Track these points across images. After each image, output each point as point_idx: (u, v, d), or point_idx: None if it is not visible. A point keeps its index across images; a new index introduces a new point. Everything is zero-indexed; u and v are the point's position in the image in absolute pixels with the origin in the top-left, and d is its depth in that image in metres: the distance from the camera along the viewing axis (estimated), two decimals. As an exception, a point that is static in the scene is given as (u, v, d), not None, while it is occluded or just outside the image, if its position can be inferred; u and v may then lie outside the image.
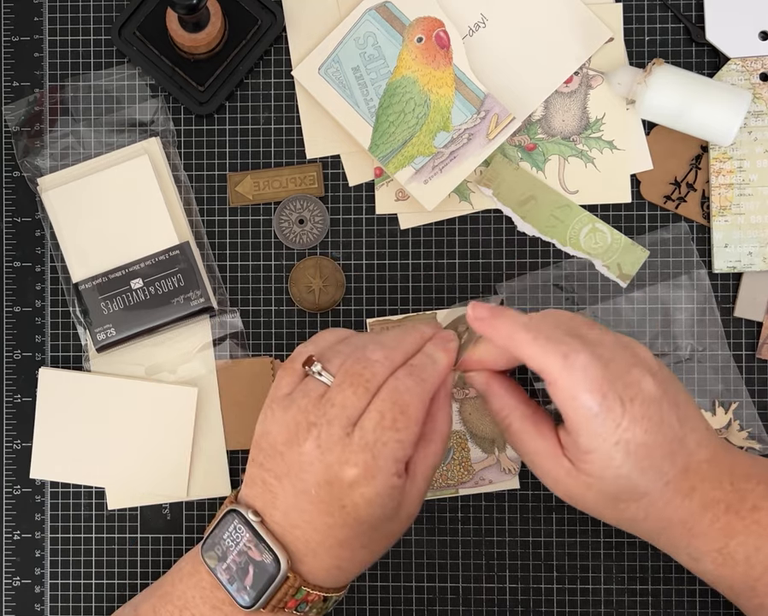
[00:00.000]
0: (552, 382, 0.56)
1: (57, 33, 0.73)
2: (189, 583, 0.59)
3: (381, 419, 0.55)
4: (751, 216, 0.70)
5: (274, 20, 0.71)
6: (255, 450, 0.59)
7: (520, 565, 0.72)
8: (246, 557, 0.57)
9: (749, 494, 0.59)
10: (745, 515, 0.59)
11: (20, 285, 0.73)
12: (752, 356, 0.71)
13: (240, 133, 0.72)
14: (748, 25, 0.70)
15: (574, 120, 0.72)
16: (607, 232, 0.71)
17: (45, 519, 0.72)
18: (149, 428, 0.71)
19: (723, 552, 0.59)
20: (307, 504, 0.56)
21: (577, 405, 0.55)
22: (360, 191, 0.72)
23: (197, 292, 0.70)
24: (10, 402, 0.73)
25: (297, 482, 0.56)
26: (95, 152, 0.72)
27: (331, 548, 0.57)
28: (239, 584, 0.57)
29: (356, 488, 0.55)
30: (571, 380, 0.55)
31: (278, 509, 0.57)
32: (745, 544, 0.59)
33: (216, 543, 0.58)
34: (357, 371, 0.56)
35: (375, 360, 0.56)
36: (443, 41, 0.70)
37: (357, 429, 0.55)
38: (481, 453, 0.71)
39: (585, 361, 0.55)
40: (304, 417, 0.56)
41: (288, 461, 0.56)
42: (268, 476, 0.57)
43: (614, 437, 0.55)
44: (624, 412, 0.56)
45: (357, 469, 0.54)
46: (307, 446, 0.55)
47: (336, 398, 0.56)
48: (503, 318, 0.58)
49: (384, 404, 0.55)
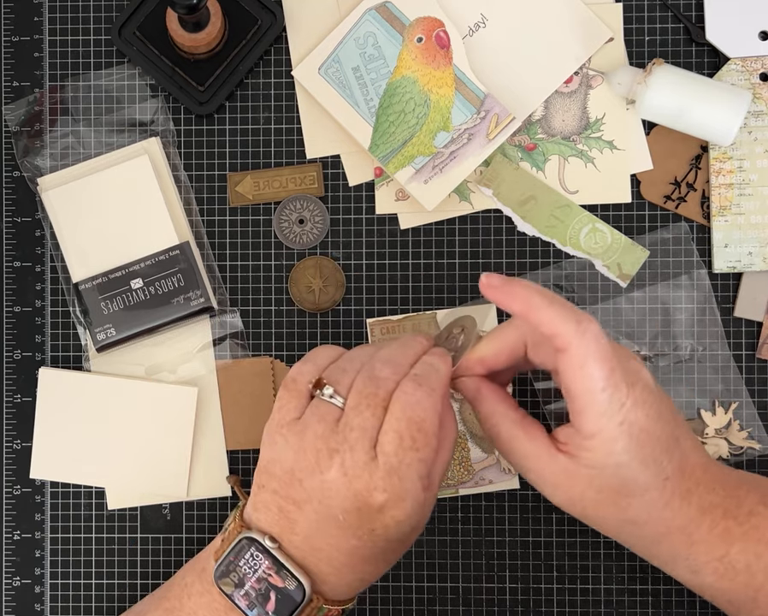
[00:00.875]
0: (564, 348, 0.55)
1: (57, 33, 0.73)
2: (199, 602, 0.59)
3: (401, 440, 0.54)
4: (751, 216, 0.70)
5: (274, 20, 0.71)
6: (264, 476, 0.57)
7: (520, 565, 0.72)
8: (267, 583, 0.56)
9: (744, 500, 0.59)
10: (743, 520, 0.59)
11: (20, 285, 0.73)
12: (752, 356, 0.71)
13: (240, 133, 0.72)
14: (748, 25, 0.70)
15: (574, 120, 0.72)
16: (607, 232, 0.71)
17: (45, 519, 0.72)
18: (149, 428, 0.71)
19: (724, 561, 0.59)
20: (334, 529, 0.56)
21: (585, 375, 0.55)
22: (360, 191, 0.72)
23: (197, 292, 0.70)
24: (10, 402, 0.73)
25: (321, 508, 0.55)
26: (95, 152, 0.72)
27: (356, 566, 0.57)
28: (261, 610, 0.56)
29: (386, 512, 0.54)
30: (582, 346, 0.55)
31: (298, 534, 0.56)
32: (745, 551, 0.58)
33: (232, 570, 0.57)
34: (372, 391, 0.55)
35: (385, 378, 0.56)
36: (443, 41, 0.70)
37: (379, 454, 0.54)
38: (481, 453, 0.71)
39: (596, 330, 0.56)
40: (324, 443, 0.55)
41: (309, 488, 0.55)
42: (286, 503, 0.56)
43: (619, 416, 0.55)
44: (629, 393, 0.56)
45: (386, 494, 0.54)
46: (332, 473, 0.55)
47: (354, 422, 0.55)
48: (519, 284, 0.57)
49: (399, 423, 0.54)
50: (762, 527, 0.59)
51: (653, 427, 0.56)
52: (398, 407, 0.55)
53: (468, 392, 0.60)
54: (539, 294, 0.57)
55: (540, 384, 0.71)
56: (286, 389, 0.58)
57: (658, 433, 0.57)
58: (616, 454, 0.56)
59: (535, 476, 0.59)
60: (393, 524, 0.55)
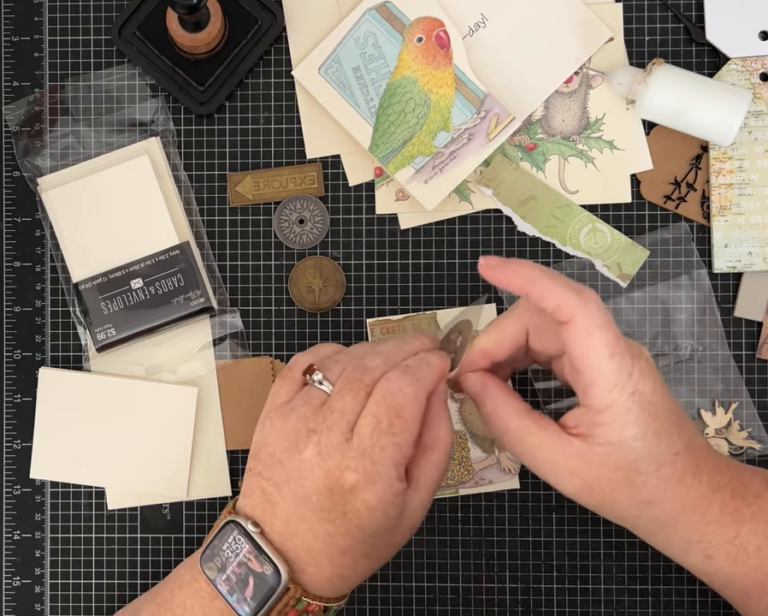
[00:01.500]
0: (568, 319, 0.56)
1: (57, 33, 0.73)
2: (188, 591, 0.59)
3: (378, 423, 0.54)
4: (751, 216, 0.70)
5: (274, 20, 0.71)
6: (253, 460, 0.58)
7: (520, 565, 0.72)
8: (246, 568, 0.57)
9: (750, 481, 0.60)
10: (751, 501, 0.59)
11: (20, 285, 0.73)
12: (752, 356, 0.71)
13: (240, 133, 0.72)
14: (748, 25, 0.70)
15: (574, 120, 0.72)
16: (607, 232, 0.71)
17: (45, 519, 0.72)
18: (149, 428, 0.71)
19: (736, 542, 0.59)
20: (308, 512, 0.56)
21: (593, 344, 0.55)
22: (360, 191, 0.72)
23: (197, 292, 0.70)
24: (10, 402, 0.73)
25: (297, 489, 0.56)
26: (95, 152, 0.72)
27: (333, 557, 0.57)
28: (240, 596, 0.57)
29: (357, 494, 0.55)
30: (588, 314, 0.55)
31: (278, 519, 0.57)
32: (755, 532, 0.59)
33: (216, 554, 0.57)
34: (357, 377, 0.56)
35: (373, 367, 0.56)
36: (443, 41, 0.70)
37: (354, 435, 0.55)
38: (481, 453, 0.71)
39: (597, 299, 0.56)
40: (304, 424, 0.56)
41: (288, 469, 0.56)
42: (268, 485, 0.57)
43: (630, 386, 0.55)
44: (634, 363, 0.56)
45: (356, 475, 0.54)
46: (307, 452, 0.55)
47: (336, 404, 0.56)
48: (517, 262, 0.58)
49: (379, 407, 0.55)
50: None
51: (661, 400, 0.57)
52: (379, 393, 0.55)
53: (473, 388, 0.60)
54: (538, 269, 0.57)
55: (540, 384, 0.71)
56: (281, 376, 0.59)
57: (666, 405, 0.57)
58: (630, 425, 0.56)
59: (550, 466, 0.58)
60: (364, 508, 0.55)
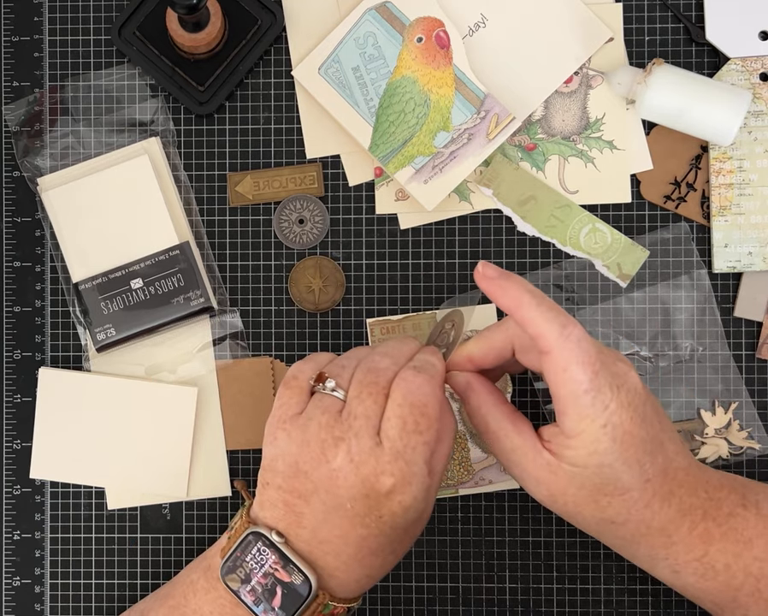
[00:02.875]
0: (547, 351, 0.56)
1: (57, 33, 0.73)
2: (205, 598, 0.59)
3: (404, 424, 0.55)
4: (751, 216, 0.70)
5: (274, 20, 0.71)
6: (269, 473, 0.58)
7: (520, 565, 0.72)
8: (273, 578, 0.57)
9: (724, 502, 0.60)
10: (722, 522, 0.59)
11: (20, 285, 0.73)
12: (752, 356, 0.71)
13: (240, 133, 0.72)
14: (748, 25, 0.70)
15: (574, 120, 0.72)
16: (607, 232, 0.71)
17: (45, 519, 0.72)
18: (149, 428, 0.71)
19: (704, 561, 0.59)
20: (340, 519, 0.56)
21: (568, 378, 0.55)
22: (360, 191, 0.72)
23: (197, 292, 0.70)
24: (10, 402, 0.73)
25: (328, 498, 0.56)
26: (95, 152, 0.72)
27: (363, 558, 0.57)
28: (266, 606, 0.57)
29: (393, 497, 0.55)
30: (565, 351, 0.55)
31: (305, 528, 0.57)
32: (724, 552, 0.59)
33: (238, 566, 0.57)
34: (372, 380, 0.56)
35: (385, 368, 0.57)
36: (443, 41, 0.70)
37: (383, 439, 0.55)
38: (481, 453, 0.71)
39: (580, 335, 0.56)
40: (329, 433, 0.56)
41: (315, 479, 0.56)
42: (291, 496, 0.57)
43: (602, 419, 0.55)
44: (613, 396, 0.56)
45: (393, 478, 0.55)
46: (338, 461, 0.55)
47: (358, 410, 0.55)
48: (512, 280, 0.58)
49: (402, 408, 0.55)
50: (740, 528, 0.59)
51: (638, 430, 0.57)
52: (399, 394, 0.55)
53: (458, 385, 0.61)
54: (529, 294, 0.57)
55: (539, 384, 0.71)
56: (287, 387, 0.59)
57: (643, 435, 0.57)
58: (598, 455, 0.56)
59: (520, 470, 0.59)
60: (400, 509, 0.55)
